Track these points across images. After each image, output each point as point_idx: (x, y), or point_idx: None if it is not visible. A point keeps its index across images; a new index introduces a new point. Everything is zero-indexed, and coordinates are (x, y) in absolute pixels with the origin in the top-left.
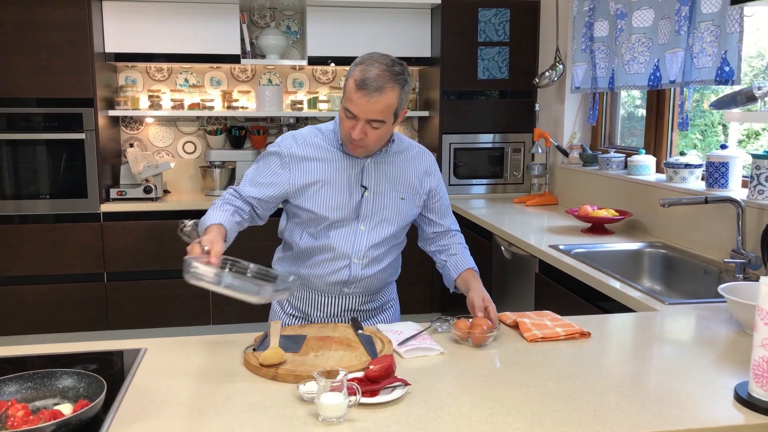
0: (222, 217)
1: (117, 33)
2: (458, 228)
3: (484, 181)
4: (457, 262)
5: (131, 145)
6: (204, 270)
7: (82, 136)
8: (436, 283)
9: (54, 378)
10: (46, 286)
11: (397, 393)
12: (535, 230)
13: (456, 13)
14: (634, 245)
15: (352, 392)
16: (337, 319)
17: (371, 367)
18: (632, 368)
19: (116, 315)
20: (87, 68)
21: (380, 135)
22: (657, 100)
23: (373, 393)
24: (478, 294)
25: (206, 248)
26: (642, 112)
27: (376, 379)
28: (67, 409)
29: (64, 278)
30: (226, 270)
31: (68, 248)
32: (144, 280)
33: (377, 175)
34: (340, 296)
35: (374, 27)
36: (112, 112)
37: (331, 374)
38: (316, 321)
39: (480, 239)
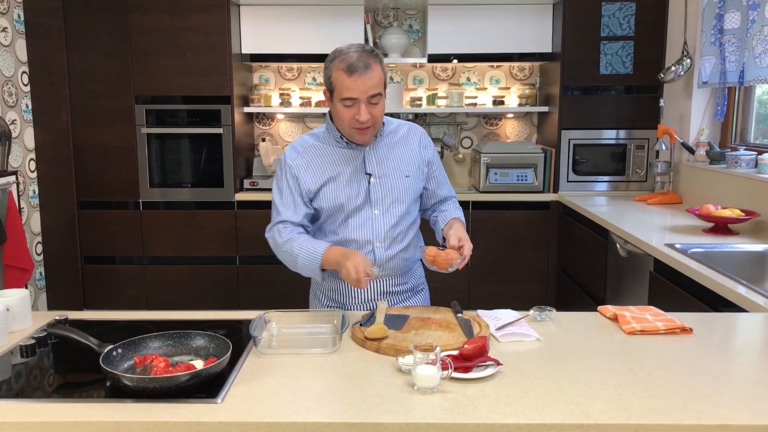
0: (318, 242)
1: (253, 35)
2: (454, 194)
3: (606, 178)
4: (446, 216)
5: (263, 140)
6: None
7: (220, 130)
8: (552, 279)
9: (189, 338)
10: (186, 266)
11: (489, 371)
12: (654, 229)
13: (579, 9)
14: (759, 247)
15: (445, 367)
16: (371, 304)
17: (466, 346)
18: (731, 365)
19: (246, 295)
20: (225, 68)
21: (382, 109)
22: None
23: (466, 369)
24: (456, 233)
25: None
26: None
27: (470, 357)
28: (199, 364)
29: (201, 260)
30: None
31: (205, 233)
32: (272, 264)
33: (378, 160)
34: (370, 281)
35: (495, 23)
36: (246, 109)
37: (427, 349)
38: (352, 308)
39: (595, 236)
